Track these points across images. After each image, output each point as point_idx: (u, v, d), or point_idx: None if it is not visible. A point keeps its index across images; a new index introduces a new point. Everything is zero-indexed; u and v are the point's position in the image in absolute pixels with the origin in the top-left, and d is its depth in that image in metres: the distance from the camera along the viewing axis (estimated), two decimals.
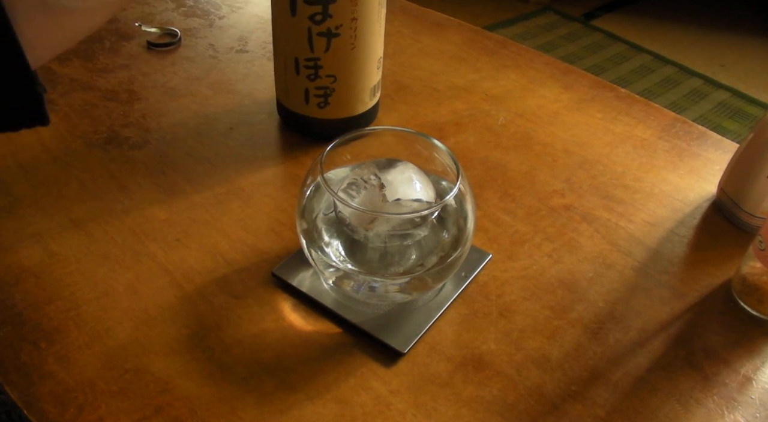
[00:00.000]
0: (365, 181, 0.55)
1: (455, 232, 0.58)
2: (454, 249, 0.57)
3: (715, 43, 3.15)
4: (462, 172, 0.54)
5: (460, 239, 0.57)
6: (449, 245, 0.58)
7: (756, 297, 0.61)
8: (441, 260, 0.56)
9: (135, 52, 0.94)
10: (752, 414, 0.54)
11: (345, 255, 0.57)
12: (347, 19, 0.68)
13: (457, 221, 0.58)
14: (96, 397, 0.52)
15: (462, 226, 0.58)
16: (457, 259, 0.57)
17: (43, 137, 0.77)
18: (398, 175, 0.56)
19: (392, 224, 0.56)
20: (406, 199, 0.55)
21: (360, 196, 0.55)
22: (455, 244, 0.57)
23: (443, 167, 0.59)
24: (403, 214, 0.55)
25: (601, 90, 0.92)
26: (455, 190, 0.53)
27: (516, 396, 0.54)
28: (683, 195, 0.75)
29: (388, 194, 0.55)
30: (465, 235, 0.57)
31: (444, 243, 0.58)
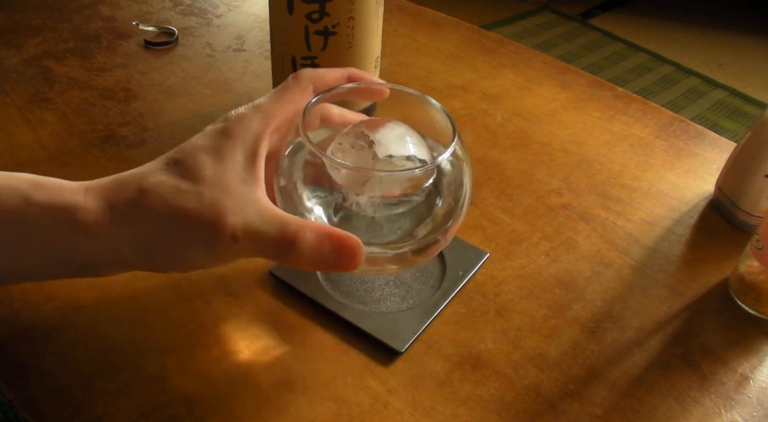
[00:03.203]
0: (352, 145, 0.51)
1: (450, 202, 0.53)
2: (447, 221, 0.52)
3: (713, 42, 3.16)
4: (458, 133, 0.50)
5: (454, 209, 0.52)
6: (442, 216, 0.52)
7: (753, 296, 0.61)
8: (432, 231, 0.52)
9: (132, 50, 0.94)
10: (749, 413, 0.54)
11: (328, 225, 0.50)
12: (344, 18, 0.68)
13: (451, 188, 0.53)
14: (93, 396, 0.52)
15: (457, 194, 0.53)
16: (448, 230, 0.52)
17: (41, 136, 0.77)
18: (388, 132, 0.52)
19: (385, 186, 0.50)
20: (399, 157, 0.50)
21: (348, 160, 0.50)
22: (449, 215, 0.52)
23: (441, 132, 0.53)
24: (399, 171, 0.50)
25: (598, 89, 0.92)
26: (450, 148, 0.48)
27: (513, 395, 0.54)
28: (681, 194, 0.75)
29: (379, 151, 0.50)
30: (460, 205, 0.52)
31: (437, 214, 0.53)
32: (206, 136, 0.47)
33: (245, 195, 0.44)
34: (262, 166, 0.47)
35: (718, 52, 3.07)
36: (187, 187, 0.43)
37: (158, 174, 0.45)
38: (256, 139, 0.47)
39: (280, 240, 0.44)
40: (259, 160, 0.47)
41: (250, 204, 0.44)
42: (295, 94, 0.50)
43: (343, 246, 0.45)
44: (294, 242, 0.44)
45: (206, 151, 0.46)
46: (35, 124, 0.78)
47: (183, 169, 0.45)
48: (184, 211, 0.43)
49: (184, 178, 0.44)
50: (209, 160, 0.45)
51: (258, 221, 0.44)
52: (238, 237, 0.43)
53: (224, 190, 0.44)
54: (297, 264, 0.45)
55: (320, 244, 0.44)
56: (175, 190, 0.43)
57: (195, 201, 0.43)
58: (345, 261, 0.45)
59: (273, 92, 0.50)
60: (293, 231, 0.44)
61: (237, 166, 0.45)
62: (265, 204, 0.45)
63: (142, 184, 0.44)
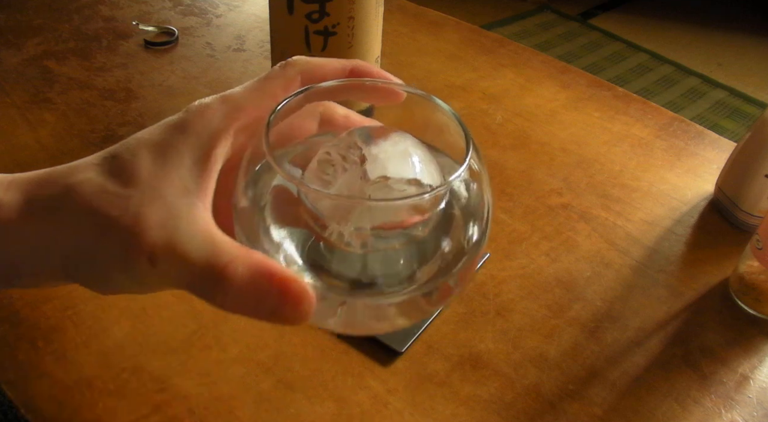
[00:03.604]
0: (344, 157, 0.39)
1: (463, 235, 0.40)
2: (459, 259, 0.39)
3: (713, 42, 3.16)
4: (474, 145, 0.38)
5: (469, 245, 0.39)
6: (452, 253, 0.39)
7: (753, 296, 0.61)
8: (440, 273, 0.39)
9: (132, 50, 0.94)
10: (749, 413, 0.54)
11: (302, 264, 0.38)
12: (344, 18, 0.68)
13: (466, 217, 0.40)
14: (93, 396, 0.52)
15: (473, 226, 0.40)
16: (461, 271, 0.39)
17: (41, 136, 0.77)
18: (389, 146, 0.40)
19: (377, 216, 0.38)
20: (397, 179, 0.38)
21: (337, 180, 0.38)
22: (460, 253, 0.39)
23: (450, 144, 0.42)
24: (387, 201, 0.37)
25: (598, 89, 0.92)
26: (463, 168, 0.36)
27: (513, 395, 0.54)
28: (681, 194, 0.75)
29: (371, 170, 0.38)
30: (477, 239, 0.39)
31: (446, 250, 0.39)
32: (157, 128, 0.38)
33: (180, 207, 0.35)
34: (214, 172, 0.38)
35: (718, 51, 3.07)
36: (114, 188, 0.35)
37: (89, 169, 0.37)
38: (214, 137, 0.37)
39: (203, 272, 0.33)
40: (213, 163, 0.37)
41: (183, 220, 0.35)
42: (276, 86, 0.40)
43: (285, 291, 0.33)
44: (221, 277, 0.33)
45: (150, 146, 0.37)
46: (35, 124, 0.78)
47: (117, 165, 0.36)
48: (104, 217, 0.34)
49: (115, 176, 0.36)
50: (150, 157, 0.36)
51: (186, 243, 0.34)
52: (156, 259, 0.34)
53: (156, 198, 0.35)
54: (223, 306, 0.34)
55: (254, 284, 0.33)
56: (100, 190, 0.35)
57: (118, 206, 0.35)
58: (286, 311, 0.33)
59: (252, 81, 0.40)
60: (223, 262, 0.33)
61: (182, 168, 0.36)
62: (202, 222, 0.35)
63: (69, 179, 0.36)
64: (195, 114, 0.38)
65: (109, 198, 0.35)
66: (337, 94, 0.42)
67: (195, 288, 0.34)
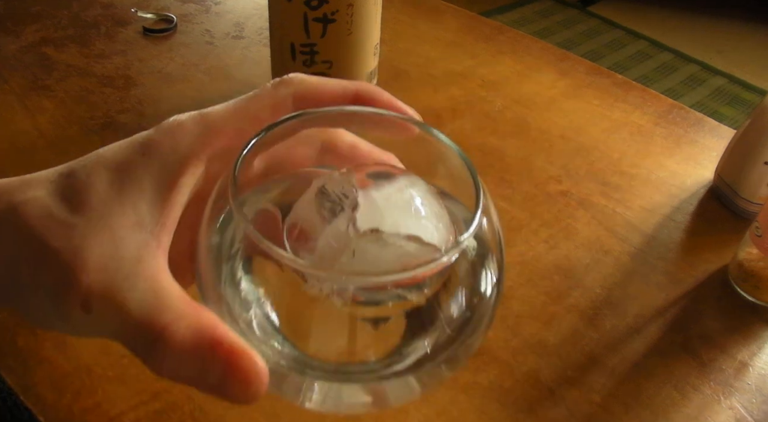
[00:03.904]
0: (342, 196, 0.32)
1: (468, 301, 0.33)
2: (463, 331, 0.32)
3: (712, 29, 3.15)
4: (485, 193, 0.31)
5: (474, 314, 0.32)
6: (458, 323, 0.32)
7: (752, 284, 0.61)
8: (439, 349, 0.31)
9: (131, 37, 0.94)
10: (748, 400, 0.54)
11: (273, 328, 0.31)
12: (343, 5, 0.68)
13: (473, 281, 0.33)
14: (93, 382, 0.52)
15: (482, 291, 0.33)
16: (467, 348, 0.32)
17: (40, 123, 0.77)
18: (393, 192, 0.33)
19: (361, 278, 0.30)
20: (393, 234, 0.31)
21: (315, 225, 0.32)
22: (466, 323, 0.32)
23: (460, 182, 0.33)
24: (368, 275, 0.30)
25: (597, 76, 0.92)
26: (474, 226, 0.29)
27: (512, 382, 0.54)
28: (680, 181, 0.75)
29: (363, 219, 0.31)
30: (484, 309, 0.32)
31: (451, 318, 0.32)
32: (122, 146, 0.33)
33: (128, 245, 0.30)
34: (177, 204, 0.32)
35: (717, 39, 3.07)
36: (61, 213, 0.30)
37: (40, 186, 0.31)
38: (182, 163, 0.32)
39: (140, 330, 0.29)
40: (177, 194, 0.32)
41: (128, 261, 0.29)
42: (263, 107, 0.34)
43: (231, 365, 0.28)
44: (158, 338, 0.28)
45: (109, 167, 0.31)
46: (34, 111, 0.78)
47: (70, 186, 0.31)
48: (42, 246, 0.29)
49: (65, 199, 0.30)
50: (106, 180, 0.31)
51: (126, 291, 0.29)
52: (90, 306, 0.29)
53: (103, 230, 0.30)
54: (160, 372, 0.29)
55: (196, 352, 0.28)
56: (45, 214, 0.30)
57: (60, 236, 0.29)
58: (232, 389, 0.28)
59: (237, 99, 0.34)
60: (164, 320, 0.28)
61: (140, 197, 0.31)
62: (150, 266, 0.30)
63: (16, 196, 0.31)
64: (164, 133, 0.33)
65: (52, 225, 0.30)
66: (333, 123, 0.36)
67: (130, 346, 0.30)
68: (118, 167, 0.31)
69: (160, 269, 0.30)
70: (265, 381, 0.28)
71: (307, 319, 0.31)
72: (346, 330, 0.31)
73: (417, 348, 0.31)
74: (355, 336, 0.31)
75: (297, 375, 0.30)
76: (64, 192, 0.31)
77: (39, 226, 0.30)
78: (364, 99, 0.35)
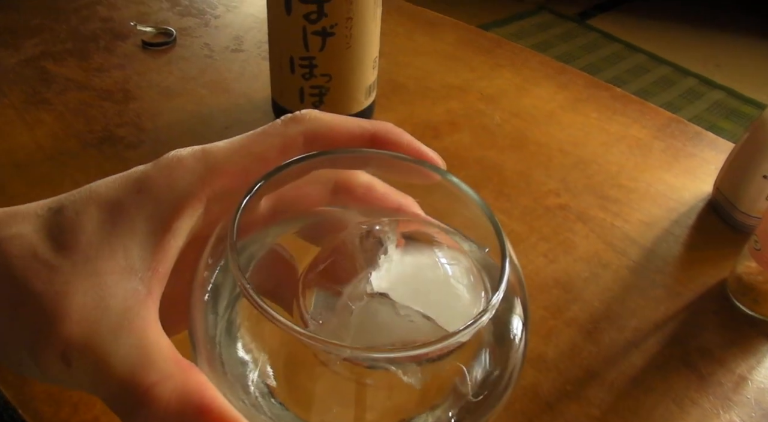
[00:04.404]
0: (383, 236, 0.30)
1: (485, 368, 0.30)
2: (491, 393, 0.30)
3: (711, 42, 3.16)
4: (512, 258, 0.29)
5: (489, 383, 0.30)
6: (475, 389, 0.29)
7: (751, 297, 0.61)
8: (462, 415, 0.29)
9: (130, 51, 0.94)
10: (748, 414, 0.54)
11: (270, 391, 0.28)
12: (342, 19, 0.68)
13: (493, 347, 0.31)
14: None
15: (500, 359, 0.31)
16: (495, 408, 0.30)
17: (38, 136, 0.77)
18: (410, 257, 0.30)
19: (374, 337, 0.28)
20: (407, 307, 0.28)
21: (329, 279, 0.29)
22: (480, 391, 0.29)
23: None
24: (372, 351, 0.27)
25: (596, 89, 0.92)
26: (496, 299, 0.27)
27: (511, 396, 0.54)
28: (678, 194, 0.75)
29: (376, 280, 0.28)
30: (504, 380, 0.31)
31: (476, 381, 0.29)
32: (116, 181, 0.30)
33: (115, 293, 0.27)
34: (172, 248, 0.29)
35: (715, 52, 3.07)
36: (46, 252, 0.28)
37: (27, 221, 0.29)
38: (178, 205, 0.29)
39: (122, 389, 0.26)
40: (172, 238, 0.29)
41: (114, 312, 0.27)
42: (271, 146, 0.31)
43: None
44: (141, 400, 0.26)
45: (101, 204, 0.29)
46: (32, 125, 0.78)
47: (58, 223, 0.29)
48: (23, 289, 0.27)
49: (52, 237, 0.28)
50: (97, 218, 0.28)
51: (109, 345, 0.26)
52: (71, 359, 0.26)
53: (89, 275, 0.27)
54: None
55: (182, 418, 0.26)
56: (29, 254, 0.28)
57: (43, 279, 0.27)
58: None
59: (244, 135, 0.32)
60: (149, 380, 0.26)
61: (131, 240, 0.28)
62: (138, 318, 0.27)
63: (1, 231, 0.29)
64: (162, 170, 0.30)
65: (35, 265, 0.27)
66: (347, 166, 0.33)
67: (111, 405, 0.27)
68: (111, 205, 0.29)
69: (148, 322, 0.27)
70: None
71: (310, 385, 0.29)
72: (352, 398, 0.28)
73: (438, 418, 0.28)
74: (364, 405, 0.28)
75: None
76: (52, 230, 0.28)
77: (21, 267, 0.27)
78: (383, 141, 0.32)
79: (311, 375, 0.28)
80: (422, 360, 0.27)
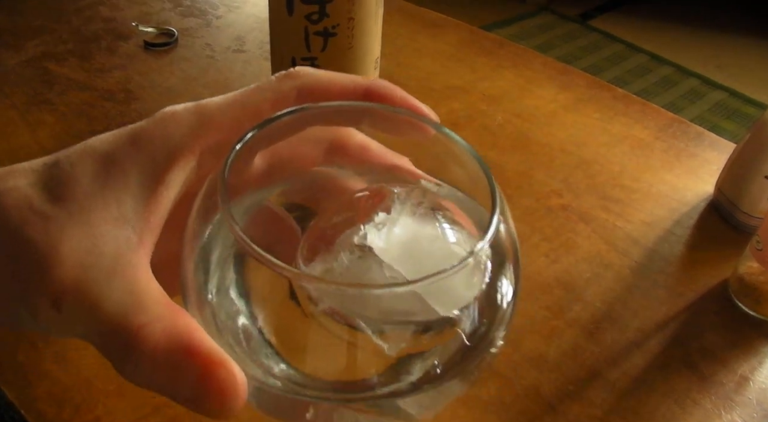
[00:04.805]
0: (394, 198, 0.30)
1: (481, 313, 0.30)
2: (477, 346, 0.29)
3: (712, 43, 3.16)
4: (502, 202, 0.30)
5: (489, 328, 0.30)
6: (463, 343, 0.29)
7: (753, 298, 0.61)
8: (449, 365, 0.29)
9: (132, 51, 0.94)
10: (749, 415, 0.54)
11: (263, 342, 0.29)
12: (344, 19, 0.68)
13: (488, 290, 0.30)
14: (93, 397, 0.52)
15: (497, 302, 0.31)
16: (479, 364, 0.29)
17: (40, 137, 0.77)
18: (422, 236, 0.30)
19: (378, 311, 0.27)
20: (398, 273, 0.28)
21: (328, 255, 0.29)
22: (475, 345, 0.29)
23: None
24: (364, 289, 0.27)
25: (598, 90, 0.92)
26: (480, 246, 0.27)
27: (513, 396, 0.54)
28: (680, 195, 0.75)
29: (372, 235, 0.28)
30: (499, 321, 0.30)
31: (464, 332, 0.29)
32: (112, 135, 0.31)
33: (107, 240, 0.28)
34: (165, 199, 0.30)
35: (717, 53, 3.07)
36: (41, 204, 0.28)
37: (24, 175, 0.30)
38: (172, 157, 0.30)
39: (113, 331, 0.26)
40: (165, 189, 0.29)
41: (106, 258, 0.27)
42: (264, 100, 0.31)
43: (207, 376, 0.26)
44: (131, 342, 0.26)
45: (96, 157, 0.30)
46: (34, 125, 0.78)
47: (54, 176, 0.29)
48: (19, 238, 0.27)
49: (48, 189, 0.29)
50: (92, 171, 0.29)
51: (101, 289, 0.27)
52: (62, 304, 0.26)
53: (82, 225, 0.27)
54: (132, 379, 0.27)
55: (170, 358, 0.26)
56: (25, 205, 0.28)
57: (38, 229, 0.27)
58: (206, 402, 0.26)
59: (238, 91, 0.32)
60: (138, 322, 0.26)
61: (125, 191, 0.29)
62: (130, 264, 0.28)
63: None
64: (156, 124, 0.31)
65: (30, 216, 0.28)
66: (340, 120, 0.33)
67: (101, 348, 0.27)
68: (105, 158, 0.29)
69: (139, 267, 0.28)
70: (243, 395, 0.26)
71: (303, 334, 0.29)
72: (345, 346, 0.28)
73: (426, 364, 0.29)
74: (355, 352, 0.28)
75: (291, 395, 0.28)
76: (47, 182, 0.29)
77: (17, 217, 0.28)
78: (377, 95, 0.32)
79: (299, 325, 0.28)
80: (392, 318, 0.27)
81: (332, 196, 0.33)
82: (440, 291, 0.27)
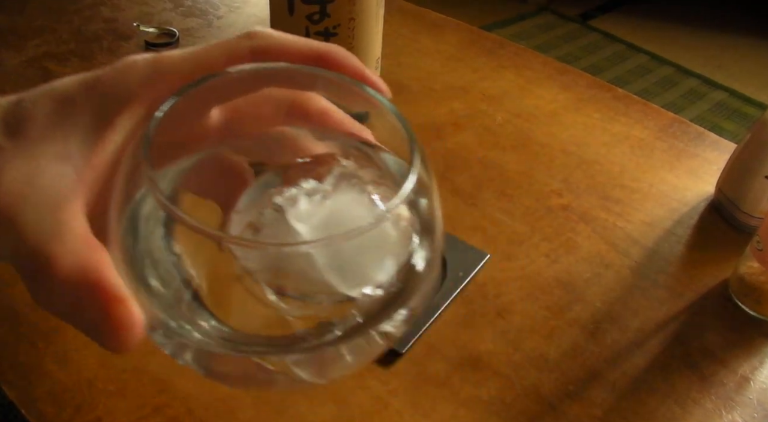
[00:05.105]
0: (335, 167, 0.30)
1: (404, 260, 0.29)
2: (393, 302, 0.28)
3: (713, 43, 3.16)
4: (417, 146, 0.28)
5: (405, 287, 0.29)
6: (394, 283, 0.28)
7: (754, 298, 0.61)
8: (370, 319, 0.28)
9: (133, 52, 0.94)
10: (750, 415, 0.54)
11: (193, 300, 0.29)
12: (345, 19, 0.68)
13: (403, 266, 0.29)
14: (94, 397, 0.52)
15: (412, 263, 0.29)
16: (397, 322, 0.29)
17: None
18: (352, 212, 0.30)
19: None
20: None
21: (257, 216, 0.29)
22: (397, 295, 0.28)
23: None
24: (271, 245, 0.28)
25: (598, 90, 0.92)
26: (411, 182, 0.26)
27: (513, 396, 0.54)
28: (681, 195, 0.75)
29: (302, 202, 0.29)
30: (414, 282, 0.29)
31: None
32: (73, 79, 0.32)
33: (44, 173, 0.29)
34: (109, 142, 0.30)
35: (717, 53, 3.07)
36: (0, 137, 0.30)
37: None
38: (122, 103, 0.31)
39: (29, 254, 0.28)
40: (111, 133, 0.30)
41: (38, 188, 0.29)
42: (218, 54, 0.32)
43: (105, 310, 0.27)
44: (42, 268, 0.27)
45: (54, 97, 0.31)
46: None
47: (14, 113, 0.31)
48: None
49: (8, 124, 0.30)
50: (48, 110, 0.31)
51: (27, 214, 0.28)
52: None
53: (27, 156, 0.29)
54: (39, 303, 0.28)
55: (74, 291, 0.27)
56: None
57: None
58: (103, 334, 0.27)
59: (198, 46, 0.32)
60: (54, 251, 0.27)
61: (73, 131, 0.30)
62: (60, 196, 0.29)
63: None
64: (116, 71, 0.32)
65: None
66: (291, 82, 0.33)
67: (19, 270, 0.28)
68: (63, 98, 0.31)
69: (69, 201, 0.29)
70: (138, 333, 0.27)
71: (227, 291, 0.29)
72: (268, 301, 0.28)
73: (347, 318, 0.28)
74: (278, 307, 0.28)
75: (218, 348, 0.28)
76: (7, 118, 0.31)
77: None
78: (330, 62, 0.33)
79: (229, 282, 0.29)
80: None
81: (288, 155, 0.34)
82: (342, 261, 0.27)
